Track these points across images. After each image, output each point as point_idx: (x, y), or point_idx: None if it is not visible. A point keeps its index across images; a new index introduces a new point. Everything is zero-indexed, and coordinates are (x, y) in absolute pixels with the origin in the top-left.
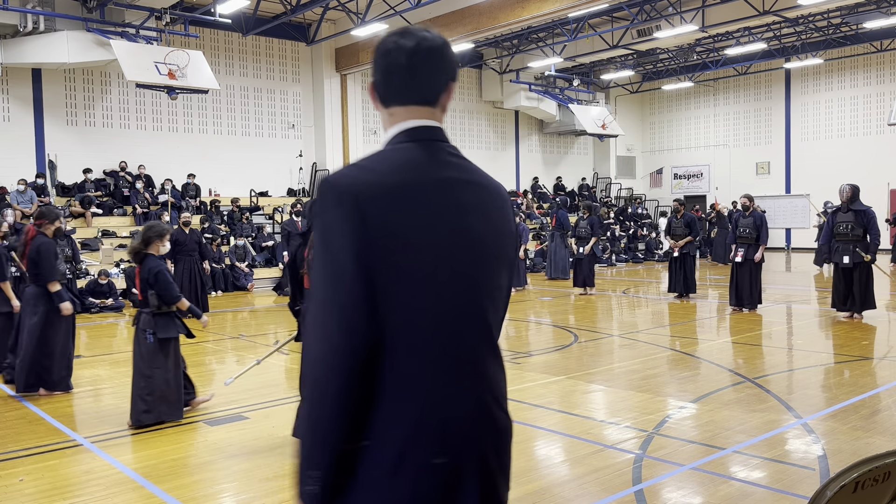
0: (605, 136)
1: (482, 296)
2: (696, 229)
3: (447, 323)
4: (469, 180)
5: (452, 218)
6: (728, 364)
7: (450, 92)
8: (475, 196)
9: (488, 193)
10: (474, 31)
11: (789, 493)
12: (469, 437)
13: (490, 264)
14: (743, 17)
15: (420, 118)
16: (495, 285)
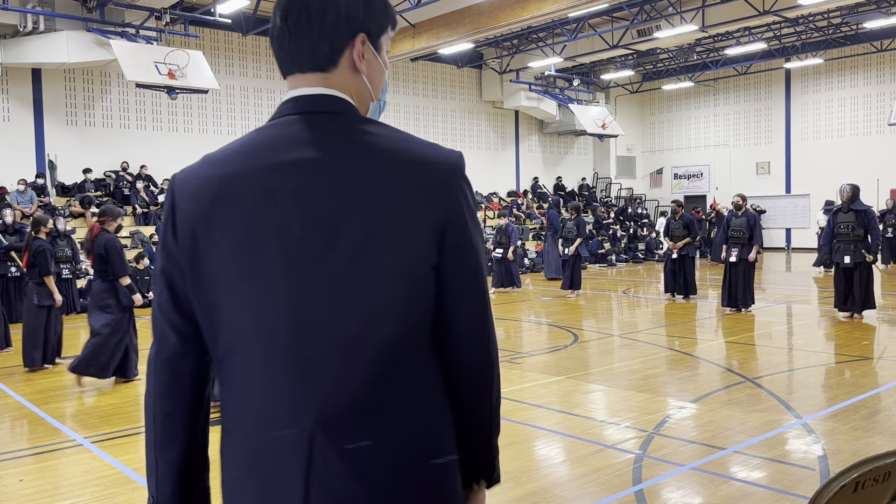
0: (605, 136)
1: (344, 313)
2: (694, 230)
3: (284, 348)
4: (326, 161)
5: (280, 212)
6: (728, 364)
7: (359, 48)
8: (329, 181)
9: (357, 177)
10: (474, 31)
11: (789, 493)
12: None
13: (350, 270)
14: (743, 17)
15: (304, 87)
16: (370, 298)
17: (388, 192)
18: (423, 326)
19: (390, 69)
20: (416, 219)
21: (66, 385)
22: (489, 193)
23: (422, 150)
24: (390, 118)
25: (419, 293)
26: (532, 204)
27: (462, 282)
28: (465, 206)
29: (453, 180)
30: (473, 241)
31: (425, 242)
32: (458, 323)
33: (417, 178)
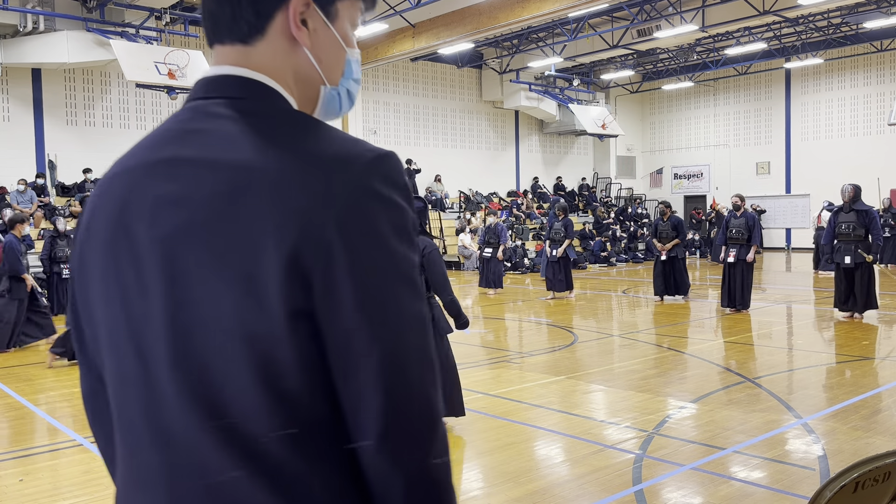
0: (605, 136)
1: (190, 351)
2: (682, 231)
3: (134, 397)
4: (196, 159)
5: (134, 221)
6: (728, 364)
7: (296, 11)
8: (188, 186)
9: (212, 185)
10: (474, 31)
11: (789, 493)
12: None
13: (207, 295)
14: (743, 17)
15: (219, 64)
16: (220, 332)
17: (238, 210)
18: (315, 427)
19: (389, 68)
20: (271, 249)
21: (67, 385)
22: (489, 193)
23: (319, 148)
24: (390, 119)
25: (277, 372)
26: (532, 204)
27: (347, 367)
28: (366, 237)
29: (353, 192)
30: (375, 292)
31: (286, 285)
32: (361, 454)
33: (290, 191)
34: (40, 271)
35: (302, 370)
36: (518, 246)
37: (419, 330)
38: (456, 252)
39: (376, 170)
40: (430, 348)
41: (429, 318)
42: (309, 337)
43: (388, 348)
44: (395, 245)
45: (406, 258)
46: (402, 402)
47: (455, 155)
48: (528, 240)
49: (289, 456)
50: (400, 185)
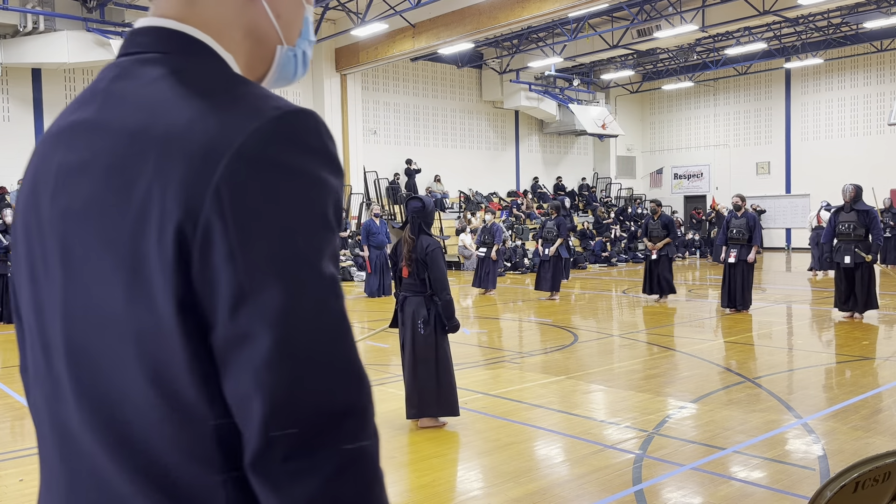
0: (605, 136)
1: (82, 346)
2: (673, 231)
3: (41, 395)
4: (98, 124)
5: (41, 193)
6: (728, 364)
7: None
8: (87, 153)
9: (116, 149)
10: (474, 31)
11: (789, 493)
12: None
13: (95, 281)
14: (743, 17)
15: (156, 14)
16: (107, 326)
17: (127, 182)
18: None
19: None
20: (156, 229)
21: None
22: (489, 193)
23: (220, 109)
24: (390, 119)
25: (171, 373)
26: (532, 204)
27: (226, 370)
28: (250, 213)
29: (240, 158)
30: (256, 281)
31: (168, 272)
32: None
33: (177, 159)
34: None
35: (193, 374)
36: (518, 246)
37: (323, 329)
38: (456, 252)
39: (277, 131)
40: (341, 353)
41: (344, 315)
42: (198, 334)
43: (270, 349)
44: (293, 222)
45: (308, 239)
46: (288, 416)
47: (455, 155)
48: (528, 240)
49: (186, 472)
50: (312, 149)
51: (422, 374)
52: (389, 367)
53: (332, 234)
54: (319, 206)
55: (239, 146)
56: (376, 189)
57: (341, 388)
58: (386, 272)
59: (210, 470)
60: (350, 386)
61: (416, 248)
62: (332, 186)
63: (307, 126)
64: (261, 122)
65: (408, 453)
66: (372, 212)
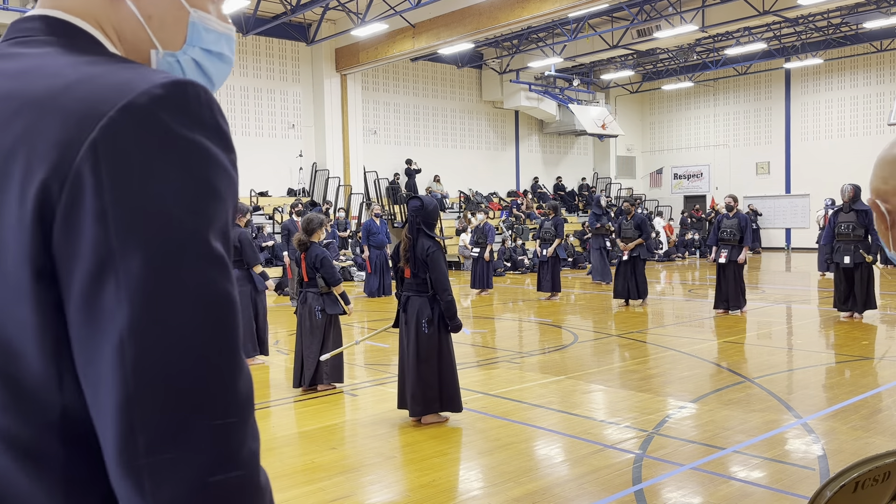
0: (605, 136)
1: None
2: (646, 231)
3: None
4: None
5: None
6: (728, 364)
7: None
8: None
9: None
10: (474, 31)
11: (789, 493)
12: None
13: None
14: (743, 17)
15: (38, 8)
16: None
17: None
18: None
19: (389, 68)
20: (15, 189)
21: None
22: (489, 193)
23: (103, 75)
24: (390, 119)
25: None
26: (532, 204)
27: (89, 340)
28: (127, 179)
29: (122, 121)
30: (125, 248)
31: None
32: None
33: (44, 117)
34: None
35: (43, 353)
36: (518, 246)
37: (197, 307)
38: (456, 252)
39: (167, 97)
40: (217, 339)
41: (228, 297)
42: (53, 305)
43: (131, 323)
44: (177, 186)
45: (192, 207)
46: (145, 403)
47: (455, 155)
48: (528, 240)
49: (20, 472)
50: (203, 122)
51: (425, 373)
52: (390, 366)
53: (221, 206)
54: (208, 174)
55: (123, 105)
56: (376, 189)
57: (212, 383)
58: (386, 272)
59: (48, 471)
60: (223, 384)
61: (415, 247)
62: (222, 161)
63: (199, 98)
64: (150, 84)
65: (408, 453)
66: (372, 212)
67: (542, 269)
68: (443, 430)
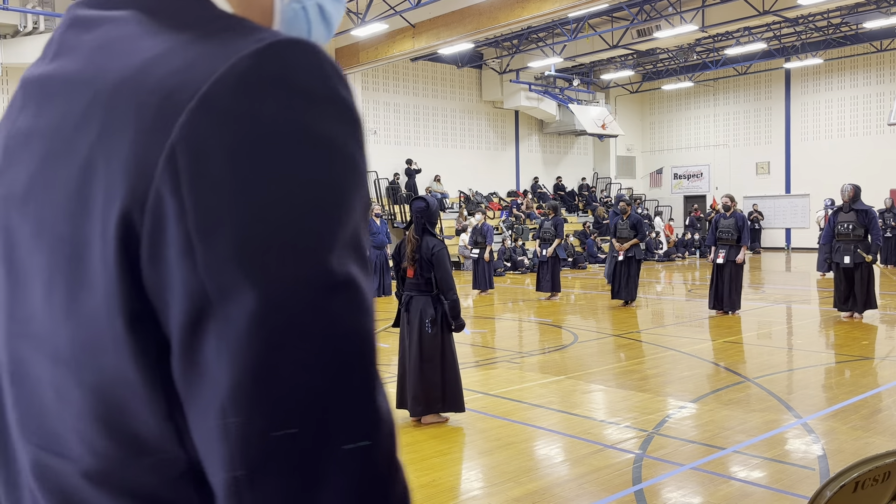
0: (605, 136)
1: (22, 367)
2: (642, 231)
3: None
4: (50, 78)
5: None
6: (728, 364)
7: None
8: (35, 118)
9: (61, 108)
10: (474, 31)
11: (789, 493)
12: None
13: (32, 286)
14: (743, 17)
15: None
16: (44, 344)
17: (68, 151)
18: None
19: (389, 68)
20: (98, 215)
21: None
22: (489, 193)
23: (187, 47)
24: (390, 119)
25: (115, 396)
26: (532, 204)
27: (191, 397)
28: (212, 181)
29: (203, 111)
30: (227, 274)
31: (111, 276)
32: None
33: (120, 115)
34: None
35: (153, 411)
36: (518, 246)
37: (325, 353)
38: (457, 252)
39: (259, 70)
40: (354, 391)
41: (365, 333)
42: (157, 357)
43: (239, 383)
44: (283, 197)
45: (306, 222)
46: (261, 498)
47: (455, 155)
48: (528, 240)
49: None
50: (312, 95)
51: (428, 373)
52: (391, 367)
53: (347, 209)
54: (327, 171)
55: (204, 93)
56: (376, 189)
57: (338, 462)
58: (386, 272)
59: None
60: (353, 460)
61: (420, 248)
62: (344, 147)
63: (305, 62)
64: (236, 59)
65: (408, 453)
66: (372, 212)
67: (541, 269)
68: (443, 429)
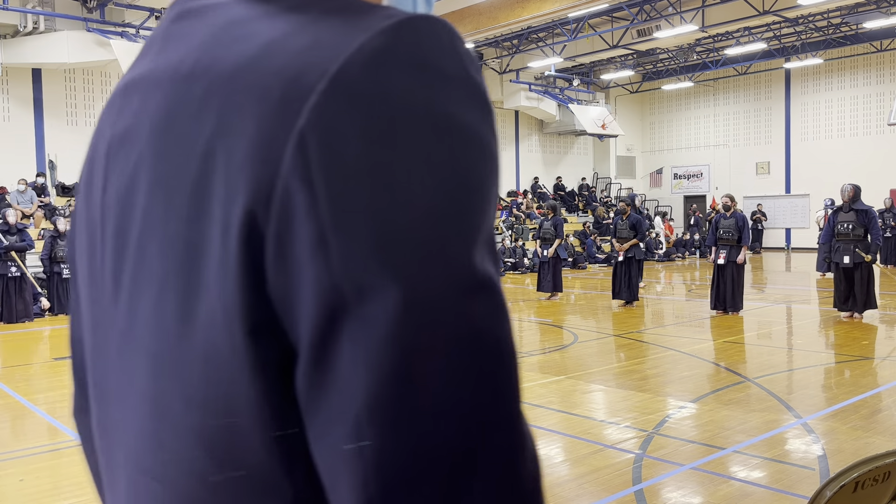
0: (605, 136)
1: (123, 414)
2: (641, 231)
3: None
4: (152, 75)
5: (95, 180)
6: (728, 364)
7: None
8: (136, 116)
9: (166, 102)
10: (474, 31)
11: (789, 493)
12: None
13: (144, 294)
14: (743, 17)
15: None
16: (153, 358)
17: (178, 146)
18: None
19: None
20: (216, 216)
21: (67, 385)
22: None
23: (310, 28)
24: None
25: (227, 406)
26: (532, 204)
27: (317, 410)
28: (347, 170)
29: (336, 95)
30: (363, 273)
31: (233, 278)
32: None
33: (240, 103)
34: (40, 271)
35: (264, 432)
36: (518, 246)
37: (473, 360)
38: None
39: (391, 49)
40: (502, 403)
41: (509, 339)
42: (276, 371)
43: (377, 394)
44: (422, 188)
45: (448, 216)
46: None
47: None
48: (528, 240)
49: None
50: (446, 76)
51: None
52: None
53: (485, 203)
54: (463, 160)
55: (334, 75)
56: None
57: (483, 482)
58: None
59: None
60: (499, 481)
61: None
62: (478, 133)
63: (437, 41)
64: (367, 37)
65: None
66: None
67: (542, 269)
68: None
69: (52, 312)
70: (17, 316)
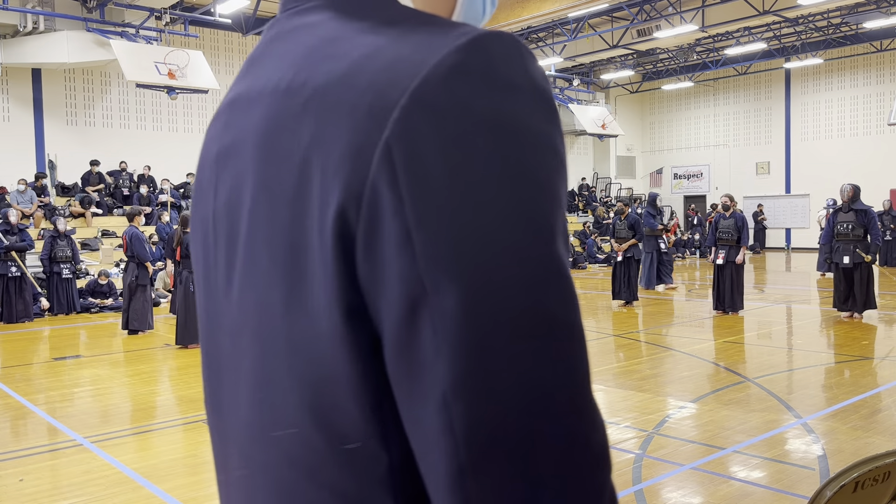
0: (604, 135)
1: (239, 395)
2: (640, 231)
3: (214, 381)
4: (251, 91)
5: (206, 190)
6: (728, 364)
7: None
8: (239, 131)
9: (266, 116)
10: None
11: (789, 493)
12: None
13: (256, 288)
14: (743, 17)
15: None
16: (267, 343)
17: (277, 156)
18: (370, 478)
19: None
20: (314, 213)
21: (67, 385)
22: None
23: (389, 47)
24: None
25: (327, 392)
26: None
27: (408, 389)
28: (430, 176)
29: (416, 109)
30: (441, 269)
31: (331, 274)
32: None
33: (331, 116)
34: (40, 271)
35: (361, 407)
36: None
37: (550, 351)
38: None
39: (466, 64)
40: (578, 390)
41: (582, 332)
42: (370, 352)
43: (458, 377)
44: (501, 192)
45: (524, 216)
46: (489, 486)
47: None
48: None
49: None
50: (518, 88)
51: None
52: None
53: (555, 202)
54: (532, 162)
55: (415, 89)
56: None
57: (564, 449)
58: None
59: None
60: (577, 448)
61: None
62: (547, 139)
63: (506, 55)
64: (444, 54)
65: None
66: None
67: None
68: None
69: (51, 312)
70: (17, 316)
